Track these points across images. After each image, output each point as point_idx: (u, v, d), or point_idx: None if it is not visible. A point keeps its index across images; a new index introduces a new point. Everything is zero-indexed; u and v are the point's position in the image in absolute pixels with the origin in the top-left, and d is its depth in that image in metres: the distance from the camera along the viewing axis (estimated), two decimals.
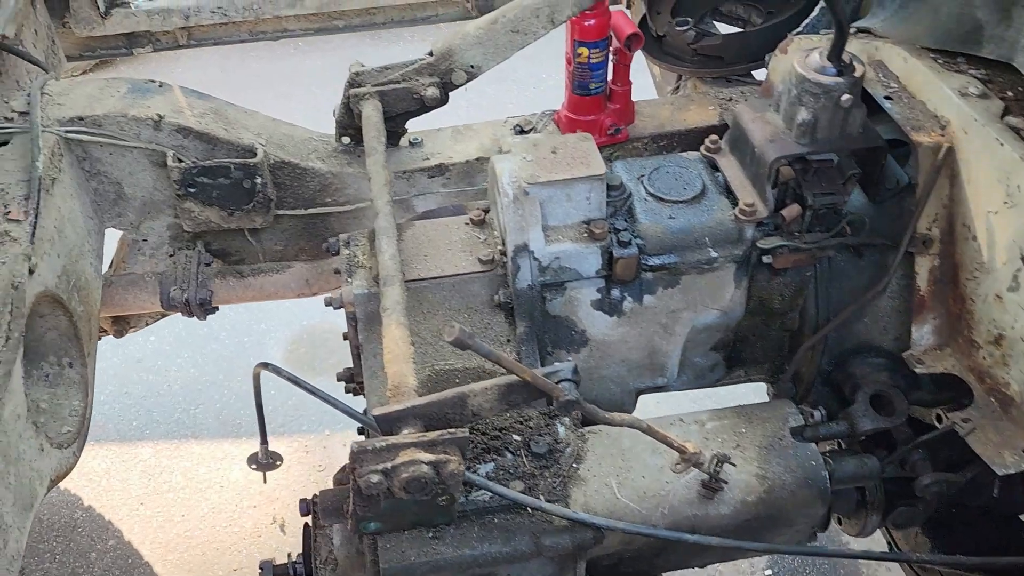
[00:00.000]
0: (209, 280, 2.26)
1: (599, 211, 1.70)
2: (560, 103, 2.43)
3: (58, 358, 1.97)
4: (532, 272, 1.68)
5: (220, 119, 2.19)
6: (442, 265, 1.76)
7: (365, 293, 1.73)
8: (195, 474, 3.54)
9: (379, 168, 1.89)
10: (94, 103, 2.09)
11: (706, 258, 1.73)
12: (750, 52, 2.55)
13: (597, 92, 2.30)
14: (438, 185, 2.36)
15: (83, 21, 2.79)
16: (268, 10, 2.92)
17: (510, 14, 2.09)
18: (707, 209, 1.75)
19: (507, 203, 1.65)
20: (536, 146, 1.72)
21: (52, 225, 1.90)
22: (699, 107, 2.49)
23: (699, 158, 1.87)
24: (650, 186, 1.77)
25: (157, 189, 2.20)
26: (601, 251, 1.69)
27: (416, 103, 2.16)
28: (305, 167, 2.24)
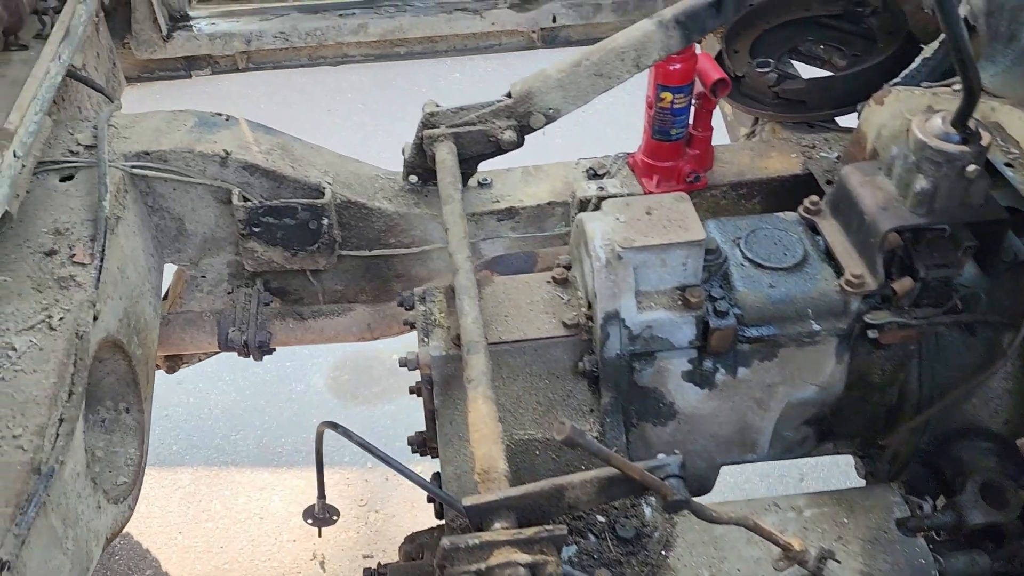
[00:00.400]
0: (268, 322, 2.18)
1: (695, 277, 1.59)
2: (635, 145, 2.34)
3: (115, 403, 1.90)
4: (622, 341, 1.58)
5: (287, 156, 2.12)
6: (524, 328, 1.66)
7: (443, 356, 1.63)
8: (234, 504, 3.47)
9: (457, 219, 1.79)
10: (160, 137, 2.02)
11: (807, 331, 1.61)
12: (835, 98, 2.44)
13: (678, 138, 2.20)
14: (507, 229, 2.27)
15: (144, 43, 2.74)
16: (331, 36, 2.86)
17: (594, 57, 1.99)
18: (809, 278, 1.63)
19: (599, 267, 1.55)
20: (629, 206, 1.62)
21: (115, 266, 1.83)
22: (781, 154, 2.38)
23: (798, 220, 1.75)
24: (748, 250, 1.66)
25: (219, 226, 2.13)
26: (696, 321, 1.58)
27: (492, 146, 2.07)
28: (372, 207, 2.16)
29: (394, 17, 2.87)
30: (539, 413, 1.63)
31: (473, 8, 2.90)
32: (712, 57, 2.18)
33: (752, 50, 2.64)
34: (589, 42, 3.13)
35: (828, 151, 2.35)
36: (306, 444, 3.70)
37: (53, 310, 1.60)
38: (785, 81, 2.46)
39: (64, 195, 1.85)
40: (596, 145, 4.93)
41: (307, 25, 2.83)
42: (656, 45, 1.97)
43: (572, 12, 2.94)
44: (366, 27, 2.86)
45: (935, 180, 1.53)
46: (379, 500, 3.49)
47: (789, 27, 2.73)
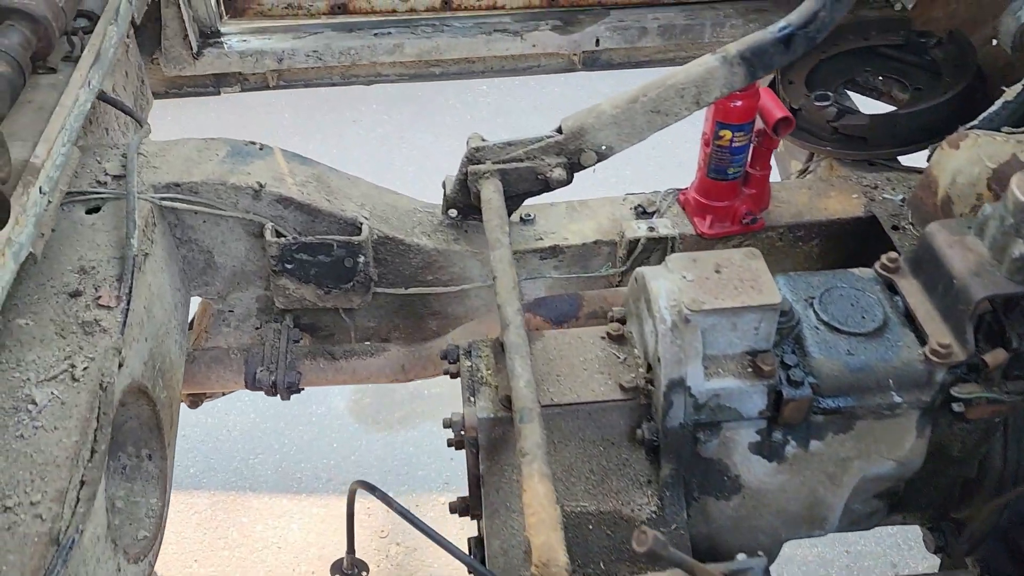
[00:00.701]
0: (298, 361, 2.07)
1: (766, 342, 1.47)
2: (684, 179, 2.22)
3: (137, 449, 1.79)
4: (686, 410, 1.46)
5: (322, 188, 2.01)
6: (577, 389, 1.54)
7: (491, 418, 1.52)
8: (252, 531, 3.36)
9: (506, 266, 1.68)
10: (192, 167, 1.91)
11: (888, 403, 1.49)
12: (899, 136, 2.31)
13: (734, 177, 2.08)
14: (550, 268, 2.15)
15: (174, 60, 2.64)
16: (366, 56, 2.75)
17: (652, 93, 1.87)
18: (890, 345, 1.51)
19: (664, 330, 1.43)
20: (696, 263, 1.50)
21: (142, 306, 1.72)
22: (841, 194, 2.25)
23: (874, 278, 1.63)
24: (823, 312, 1.54)
25: (249, 259, 2.03)
26: (767, 390, 1.46)
27: (540, 184, 1.95)
28: (409, 243, 2.04)
29: (431, 38, 2.76)
30: (592, 483, 1.51)
31: (514, 30, 2.79)
32: (774, 93, 2.06)
33: (808, 81, 2.51)
34: (631, 66, 3.04)
35: (892, 192, 2.22)
36: (326, 470, 3.59)
37: (76, 358, 1.50)
38: (845, 116, 2.34)
39: (91, 229, 1.75)
40: (641, 176, 4.81)
41: (341, 44, 2.73)
42: (719, 82, 1.85)
43: (616, 36, 2.82)
44: (402, 47, 2.75)
45: None
46: (400, 532, 3.38)
47: (846, 57, 2.61)
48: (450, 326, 2.23)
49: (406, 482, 3.53)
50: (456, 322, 2.23)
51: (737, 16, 2.86)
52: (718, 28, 2.85)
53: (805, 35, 1.80)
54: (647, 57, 2.97)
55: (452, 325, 2.23)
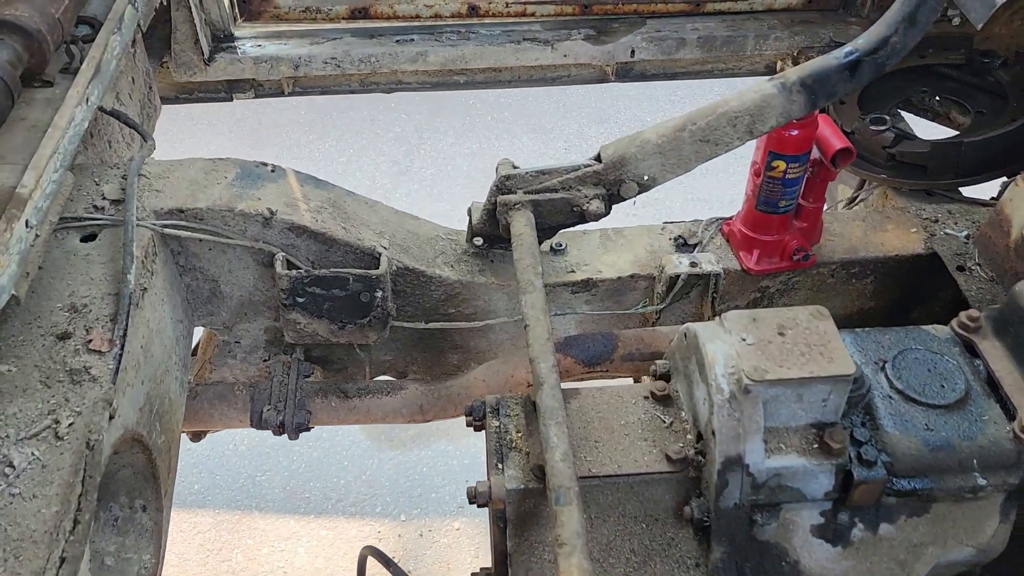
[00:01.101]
0: (308, 399, 1.92)
1: (834, 415, 1.31)
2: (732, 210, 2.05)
3: (130, 500, 1.65)
4: (743, 490, 1.30)
5: (338, 215, 1.85)
6: (618, 458, 1.38)
7: (521, 489, 1.36)
8: (257, 554, 3.23)
9: (539, 314, 1.52)
10: (197, 192, 1.76)
11: (971, 485, 1.32)
12: (963, 166, 2.13)
13: (786, 211, 1.91)
14: (581, 303, 1.99)
15: (184, 66, 2.49)
16: (387, 64, 2.59)
17: (701, 121, 1.70)
18: (974, 420, 1.34)
19: (720, 402, 1.27)
20: (756, 323, 1.33)
21: (139, 347, 1.57)
22: (898, 228, 2.08)
23: (952, 338, 1.46)
24: (896, 378, 1.37)
25: (258, 289, 1.88)
26: (835, 469, 1.30)
27: (575, 216, 1.79)
28: (431, 275, 1.89)
29: (456, 46, 2.59)
30: (634, 565, 1.35)
31: (544, 39, 2.62)
32: (832, 121, 1.88)
33: (861, 101, 2.33)
34: (666, 77, 2.86)
35: (955, 228, 2.05)
36: (335, 491, 3.45)
37: (61, 412, 1.35)
38: (903, 142, 2.16)
39: (84, 261, 1.60)
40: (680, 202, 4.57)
41: (361, 51, 2.57)
42: (775, 110, 1.67)
43: (653, 47, 2.65)
44: (425, 56, 2.58)
45: None
46: (413, 558, 3.24)
47: (902, 75, 2.42)
48: (472, 361, 2.08)
49: (419, 504, 3.39)
50: (479, 357, 2.07)
51: (782, 28, 2.68)
52: (761, 40, 2.67)
53: (873, 62, 1.63)
54: (684, 68, 2.80)
55: (475, 360, 2.08)
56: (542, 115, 5.43)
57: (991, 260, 1.89)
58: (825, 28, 2.67)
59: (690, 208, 4.48)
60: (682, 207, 4.50)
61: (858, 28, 2.63)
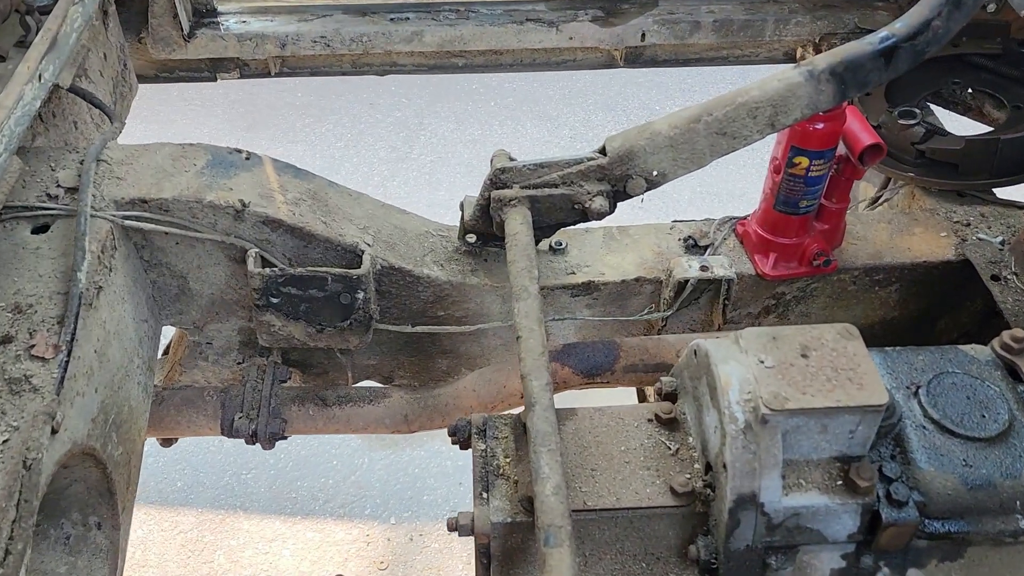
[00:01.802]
0: (283, 406, 1.78)
1: (861, 448, 1.16)
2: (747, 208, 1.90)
3: (83, 517, 1.51)
4: (756, 531, 1.15)
5: (318, 207, 1.70)
6: (617, 489, 1.23)
7: (508, 523, 1.21)
8: (240, 556, 3.10)
9: (533, 325, 1.36)
10: (163, 181, 1.61)
11: (1012, 528, 1.17)
12: (999, 165, 1.96)
13: (807, 211, 1.75)
14: (582, 307, 1.84)
15: (162, 42, 2.33)
16: (380, 44, 2.42)
17: (718, 112, 1.54)
18: (1018, 455, 1.19)
19: (734, 432, 1.12)
20: (777, 342, 1.18)
21: (92, 351, 1.43)
22: (926, 231, 1.92)
23: (992, 361, 1.30)
24: (931, 406, 1.22)
25: (231, 287, 1.73)
26: (861, 509, 1.15)
27: (575, 214, 1.64)
28: (419, 275, 1.74)
29: (455, 26, 2.43)
30: None
31: (549, 20, 2.46)
32: (861, 113, 1.72)
33: (888, 92, 2.17)
34: (679, 63, 2.69)
35: (988, 232, 1.89)
36: (323, 490, 3.32)
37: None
38: (934, 138, 2.00)
39: (33, 255, 1.45)
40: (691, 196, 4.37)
41: (352, 29, 2.40)
42: (801, 101, 1.51)
43: (665, 30, 2.48)
44: (421, 35, 2.42)
45: None
46: (401, 563, 3.10)
47: (933, 66, 2.25)
48: (463, 366, 1.93)
49: (410, 507, 3.25)
50: (470, 363, 1.92)
51: (804, 12, 2.51)
52: (781, 25, 2.50)
53: (912, 49, 1.46)
54: (697, 54, 2.63)
55: (466, 366, 1.93)
56: (547, 101, 5.26)
57: None
58: (849, 13, 2.50)
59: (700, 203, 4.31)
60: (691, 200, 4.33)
61: (885, 14, 2.46)
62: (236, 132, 5.00)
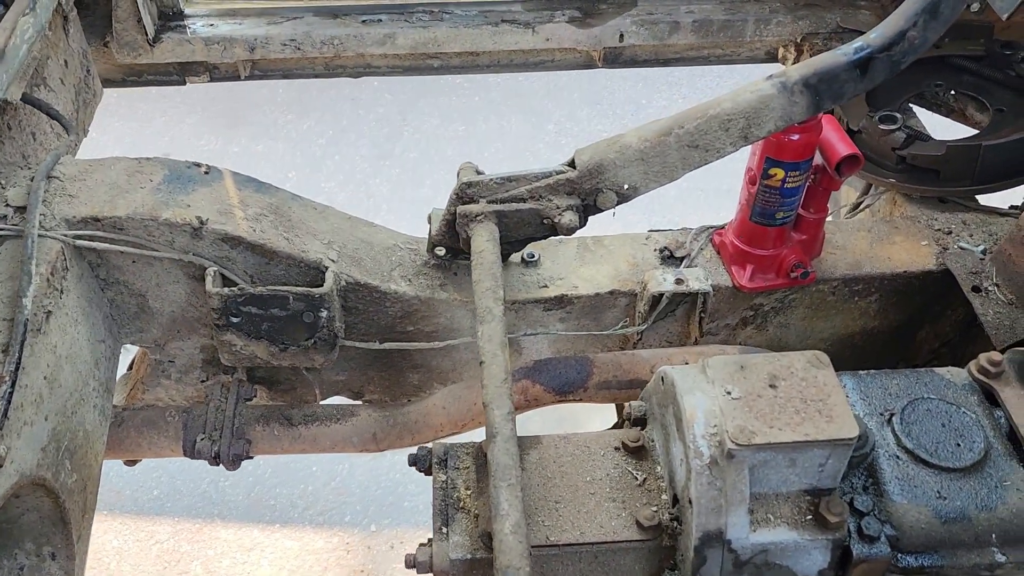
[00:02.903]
0: (247, 426, 1.73)
1: (832, 481, 1.12)
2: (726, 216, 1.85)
3: (37, 547, 1.46)
4: (723, 568, 1.11)
5: (281, 223, 1.65)
6: (582, 524, 1.19)
7: (468, 559, 1.17)
8: (217, 567, 3.05)
9: (496, 349, 1.32)
10: (117, 198, 1.55)
11: (988, 562, 1.14)
12: (982, 171, 1.92)
13: (784, 223, 1.71)
14: (555, 321, 1.79)
15: (127, 46, 2.27)
16: (352, 47, 2.37)
17: (689, 125, 1.50)
18: (994, 486, 1.15)
19: (699, 467, 1.08)
20: (744, 372, 1.13)
21: (41, 377, 1.38)
22: (907, 240, 1.88)
23: (969, 385, 1.26)
24: (905, 435, 1.18)
25: (191, 305, 1.68)
26: (831, 545, 1.11)
27: (544, 229, 1.59)
28: (385, 290, 1.69)
29: (428, 27, 2.37)
30: None
31: (524, 20, 2.40)
32: (838, 122, 1.68)
33: (869, 95, 2.12)
34: (658, 63, 2.64)
35: (970, 241, 1.85)
36: (303, 497, 3.27)
37: None
38: (915, 144, 1.95)
39: None
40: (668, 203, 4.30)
41: (324, 32, 2.35)
42: (774, 113, 1.47)
43: (643, 31, 2.43)
44: (394, 38, 2.36)
45: None
46: (382, 572, 3.07)
47: (915, 68, 2.18)
48: (434, 381, 1.89)
49: (389, 514, 3.21)
50: (442, 377, 1.88)
51: (784, 11, 2.46)
52: (762, 25, 2.46)
53: (888, 59, 1.42)
54: (678, 54, 2.58)
55: (437, 380, 1.88)
56: (532, 96, 5.19)
57: (1011, 281, 1.70)
58: (832, 12, 2.45)
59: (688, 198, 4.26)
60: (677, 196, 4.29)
61: (868, 14, 2.41)
62: (217, 130, 4.92)
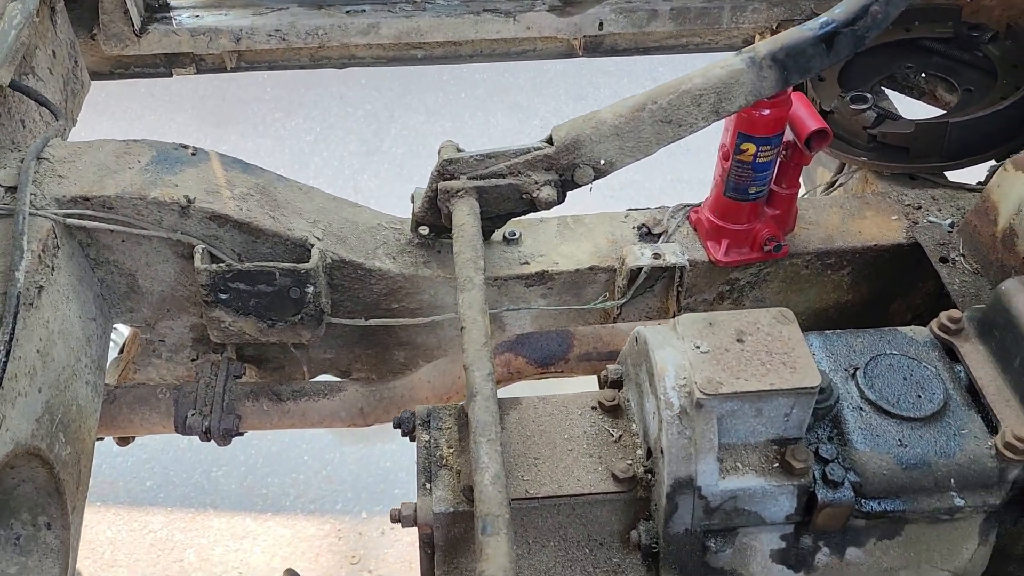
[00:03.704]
0: (237, 402, 1.77)
1: (797, 430, 1.17)
2: (700, 198, 1.90)
3: (33, 517, 1.50)
4: (694, 515, 1.16)
5: (266, 202, 1.69)
6: (559, 477, 1.24)
7: (450, 512, 1.22)
8: (210, 554, 3.09)
9: (476, 315, 1.37)
10: (105, 177, 1.59)
11: (947, 506, 1.19)
12: (949, 148, 1.98)
13: (756, 197, 1.76)
14: (536, 297, 1.84)
15: (114, 38, 2.30)
16: (336, 37, 2.41)
17: (662, 100, 1.55)
18: (952, 434, 1.20)
19: (670, 417, 1.13)
20: (713, 328, 1.18)
21: (34, 351, 1.42)
22: (878, 215, 1.94)
23: (931, 341, 1.32)
24: (868, 388, 1.23)
25: (180, 283, 1.72)
26: (797, 491, 1.16)
27: (524, 204, 1.64)
28: (370, 267, 1.73)
29: (411, 17, 2.42)
30: None
31: (505, 10, 2.45)
32: (808, 99, 1.73)
33: (841, 77, 2.18)
34: (639, 52, 2.69)
35: (939, 215, 1.91)
36: (294, 486, 3.31)
37: None
38: (886, 123, 2.01)
39: None
40: (647, 184, 4.38)
41: (308, 23, 2.39)
42: (744, 88, 1.52)
43: (622, 19, 2.48)
44: (377, 28, 2.41)
45: None
46: (373, 557, 3.11)
47: (885, 50, 2.27)
48: (420, 358, 1.93)
49: (380, 500, 3.25)
50: (427, 354, 1.92)
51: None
52: (738, 12, 2.51)
53: (852, 33, 1.47)
54: (657, 43, 2.63)
55: (423, 357, 1.93)
56: (518, 91, 5.25)
57: (976, 251, 1.75)
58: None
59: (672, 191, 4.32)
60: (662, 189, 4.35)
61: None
62: (205, 127, 4.96)
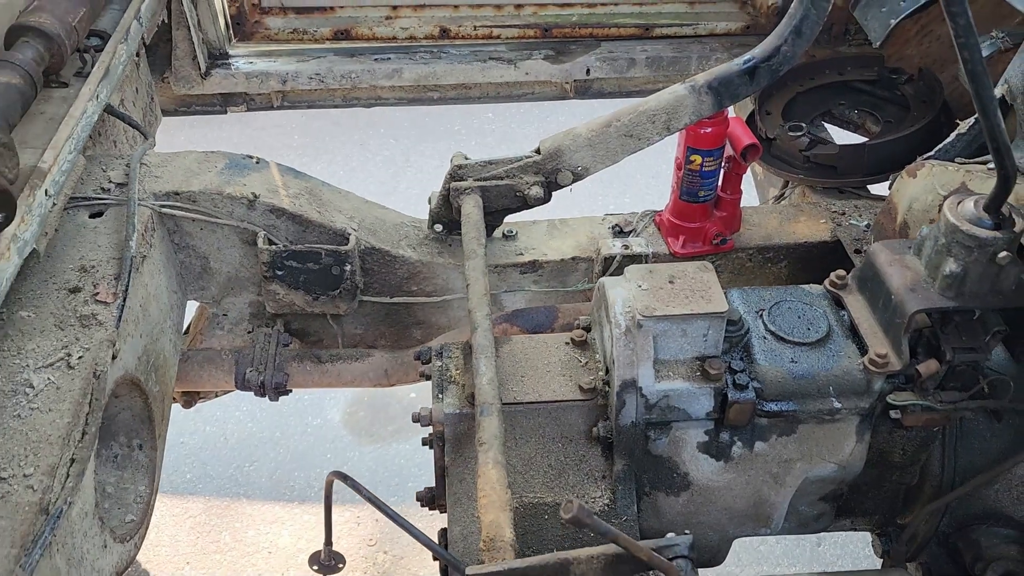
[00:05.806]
0: (286, 363, 2.18)
1: (715, 348, 1.57)
2: (663, 201, 2.33)
3: (128, 439, 1.90)
4: (638, 409, 1.56)
5: (314, 200, 2.13)
6: (539, 389, 1.64)
7: (457, 413, 1.62)
8: (244, 536, 3.45)
9: (478, 275, 1.79)
10: (191, 178, 2.04)
11: (828, 408, 1.58)
12: (867, 165, 2.42)
13: (705, 200, 2.19)
14: (529, 282, 2.26)
15: (183, 79, 2.79)
16: (366, 80, 2.89)
17: (625, 118, 1.99)
18: (832, 355, 1.60)
19: (618, 334, 1.54)
20: (652, 273, 1.60)
21: (138, 304, 1.84)
22: (809, 219, 2.36)
23: (823, 294, 1.73)
24: (771, 323, 1.64)
25: (243, 266, 2.15)
26: (714, 393, 1.56)
27: (518, 201, 2.07)
28: (395, 255, 2.16)
29: (429, 64, 2.90)
30: (550, 476, 1.61)
31: (508, 58, 2.93)
32: (744, 121, 2.17)
33: (785, 112, 2.63)
34: (622, 95, 3.17)
35: (858, 219, 2.33)
36: (318, 479, 3.68)
37: (73, 348, 1.61)
38: (817, 146, 2.45)
39: (93, 232, 1.88)
40: (624, 198, 4.90)
41: (342, 68, 2.87)
42: (687, 109, 1.97)
43: (606, 66, 2.96)
44: (400, 72, 2.89)
45: (965, 264, 1.50)
46: (388, 541, 3.46)
47: (823, 90, 2.73)
48: (433, 335, 2.34)
49: (396, 493, 3.61)
50: (439, 331, 2.33)
51: (723, 50, 2.99)
52: (704, 61, 2.98)
53: (768, 68, 1.92)
54: (637, 87, 3.10)
55: (435, 334, 2.34)
56: (524, 140, 5.75)
57: None
58: None
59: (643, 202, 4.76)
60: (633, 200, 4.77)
61: None
62: None
